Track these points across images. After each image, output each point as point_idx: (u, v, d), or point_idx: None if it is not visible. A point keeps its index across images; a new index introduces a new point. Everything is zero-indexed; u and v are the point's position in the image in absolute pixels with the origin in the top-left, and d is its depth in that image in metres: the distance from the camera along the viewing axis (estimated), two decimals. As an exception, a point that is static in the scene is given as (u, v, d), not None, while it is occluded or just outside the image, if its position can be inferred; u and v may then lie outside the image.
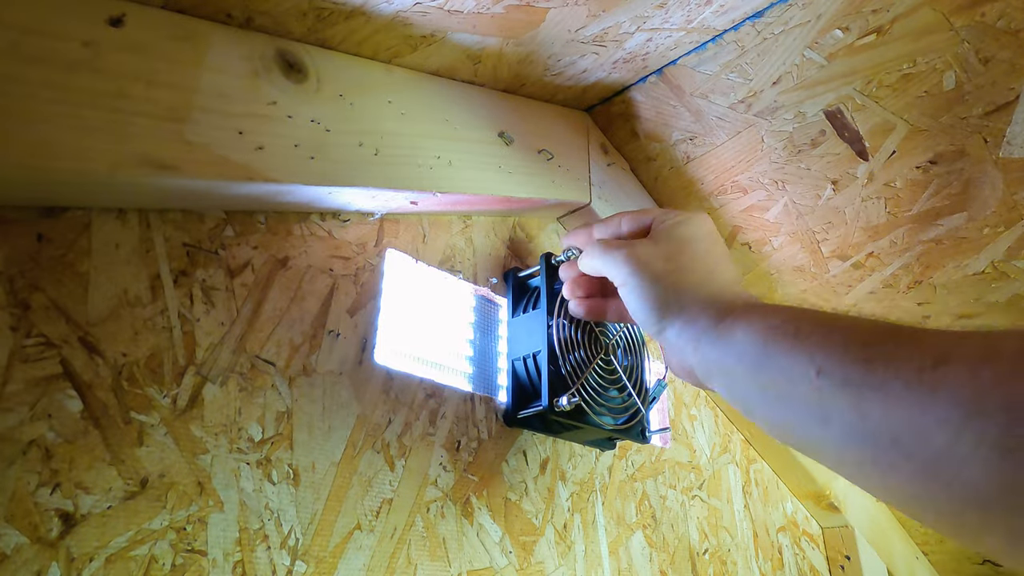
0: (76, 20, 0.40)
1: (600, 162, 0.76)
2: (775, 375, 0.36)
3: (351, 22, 0.51)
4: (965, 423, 0.26)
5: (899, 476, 0.29)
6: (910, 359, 0.29)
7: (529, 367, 0.60)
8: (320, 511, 0.46)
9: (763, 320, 0.39)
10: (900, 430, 0.29)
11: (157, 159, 0.40)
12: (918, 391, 0.28)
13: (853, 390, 0.31)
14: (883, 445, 0.29)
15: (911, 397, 0.28)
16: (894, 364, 0.30)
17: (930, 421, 0.27)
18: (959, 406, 0.26)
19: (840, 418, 0.32)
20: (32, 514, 0.35)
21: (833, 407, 0.32)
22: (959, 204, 0.72)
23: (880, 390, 0.30)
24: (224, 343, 0.45)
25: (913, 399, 0.28)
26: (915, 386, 0.28)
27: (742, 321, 0.40)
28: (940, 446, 0.27)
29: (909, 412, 0.28)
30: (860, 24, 0.60)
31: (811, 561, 1.05)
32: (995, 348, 0.27)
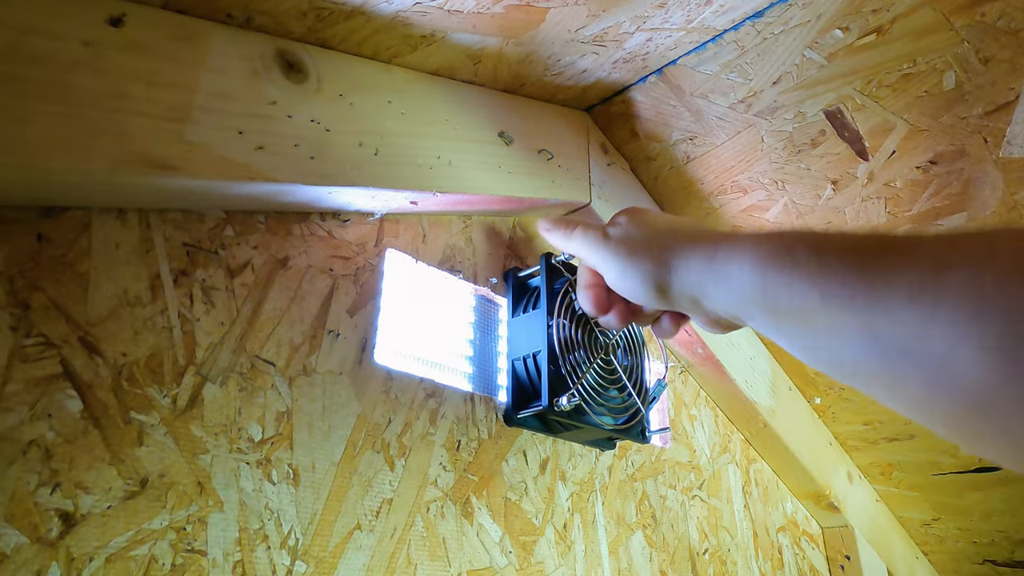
0: (76, 20, 0.40)
1: (600, 162, 0.76)
2: (780, 303, 0.36)
3: (351, 22, 0.51)
4: (968, 325, 0.26)
5: (910, 385, 0.30)
6: (910, 270, 0.30)
7: (529, 367, 0.60)
8: (320, 511, 0.46)
9: (754, 250, 0.38)
10: (908, 340, 0.29)
11: (157, 159, 0.40)
12: (921, 301, 0.28)
13: (860, 308, 0.31)
14: (893, 357, 0.30)
15: (915, 308, 0.29)
16: (895, 277, 0.30)
17: (934, 328, 0.28)
18: (961, 309, 0.27)
19: (851, 336, 0.32)
20: (32, 514, 0.35)
21: (843, 326, 0.32)
22: (959, 204, 0.72)
23: (885, 304, 0.30)
24: (224, 343, 0.45)
25: (917, 309, 0.29)
26: (918, 296, 0.29)
27: (734, 256, 0.39)
28: (944, 351, 0.27)
29: (914, 322, 0.29)
30: (860, 24, 0.60)
31: (811, 561, 1.05)
32: (993, 248, 0.27)
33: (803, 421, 1.03)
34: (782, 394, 0.99)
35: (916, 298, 0.29)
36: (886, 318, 0.30)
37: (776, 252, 0.37)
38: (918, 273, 0.29)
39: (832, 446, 1.09)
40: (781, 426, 0.96)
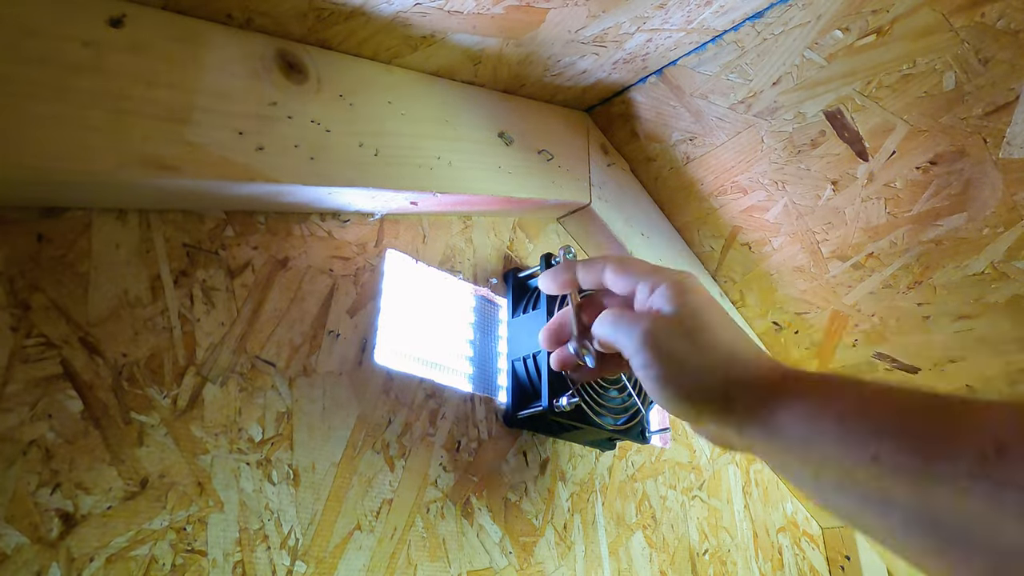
0: (76, 21, 0.40)
1: (600, 162, 0.76)
2: (827, 462, 0.34)
3: (351, 22, 0.51)
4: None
5: (970, 569, 0.28)
6: (969, 447, 0.28)
7: (529, 367, 0.60)
8: (320, 511, 0.46)
9: (804, 402, 0.36)
10: (968, 522, 0.28)
11: (157, 159, 0.40)
12: (984, 483, 0.27)
13: (912, 478, 0.30)
14: (950, 537, 0.28)
15: (977, 489, 0.27)
16: (954, 453, 0.28)
17: (1001, 515, 0.26)
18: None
19: (902, 506, 0.30)
20: (32, 514, 0.35)
21: (893, 494, 0.31)
22: (959, 205, 0.72)
23: (942, 479, 0.29)
24: (224, 343, 0.45)
25: (979, 491, 0.27)
26: (980, 477, 0.27)
27: (783, 405, 0.37)
28: (1015, 542, 0.26)
29: (975, 505, 0.27)
30: (860, 25, 0.60)
31: (811, 561, 1.05)
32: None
33: (803, 421, 1.03)
34: (782, 394, 0.99)
35: (978, 477, 0.27)
36: (943, 493, 0.28)
37: (826, 404, 0.35)
38: (978, 448, 0.28)
39: (832, 446, 1.09)
40: (781, 426, 0.96)
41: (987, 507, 0.27)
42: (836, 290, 0.87)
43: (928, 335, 0.88)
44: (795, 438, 0.36)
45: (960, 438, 0.29)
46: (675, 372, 0.41)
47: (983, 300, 0.80)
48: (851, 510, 0.34)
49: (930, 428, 0.30)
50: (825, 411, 0.35)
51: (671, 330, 0.42)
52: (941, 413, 0.31)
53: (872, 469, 0.32)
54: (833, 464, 0.34)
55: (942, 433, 0.30)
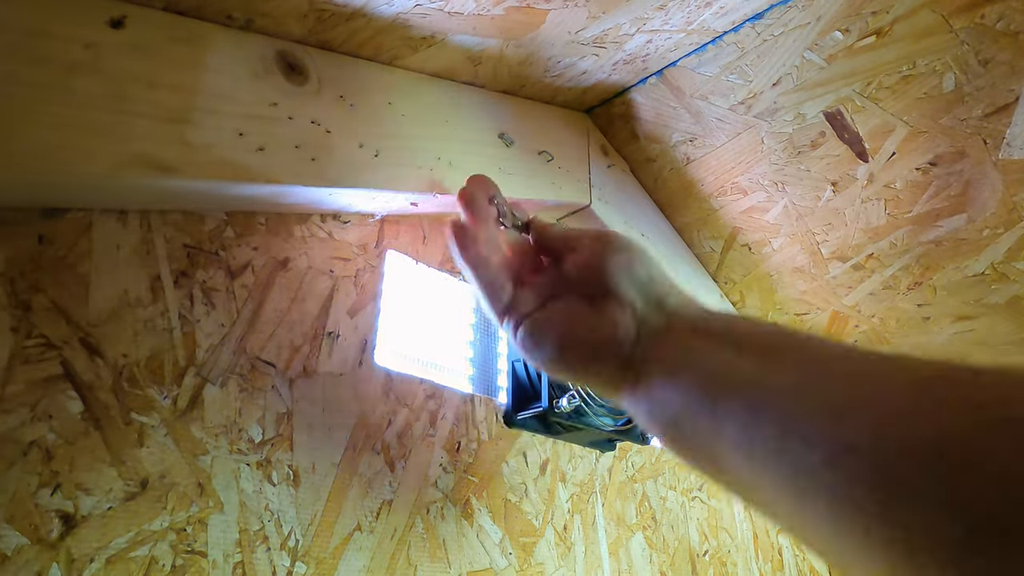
0: (77, 22, 0.40)
1: (600, 163, 0.76)
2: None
3: (352, 24, 0.51)
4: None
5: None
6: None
7: (529, 368, 0.60)
8: (320, 512, 0.46)
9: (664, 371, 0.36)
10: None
11: (158, 160, 0.40)
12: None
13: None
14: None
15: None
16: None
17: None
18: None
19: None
20: (33, 515, 0.35)
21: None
22: (959, 206, 0.72)
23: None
24: (224, 344, 0.45)
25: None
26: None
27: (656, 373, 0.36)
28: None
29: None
30: (860, 26, 0.60)
31: (811, 562, 1.05)
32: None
33: (803, 422, 1.03)
34: (782, 395, 0.99)
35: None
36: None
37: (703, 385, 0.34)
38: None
39: (832, 447, 1.09)
40: (781, 427, 0.96)
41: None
42: (836, 291, 0.87)
43: (928, 336, 0.88)
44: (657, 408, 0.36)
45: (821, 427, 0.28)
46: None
47: (983, 301, 0.80)
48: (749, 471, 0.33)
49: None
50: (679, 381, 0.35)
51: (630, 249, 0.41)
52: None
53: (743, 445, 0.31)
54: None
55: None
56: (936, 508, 0.22)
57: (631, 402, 0.38)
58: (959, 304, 0.82)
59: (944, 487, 0.22)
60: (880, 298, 0.85)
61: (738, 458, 0.31)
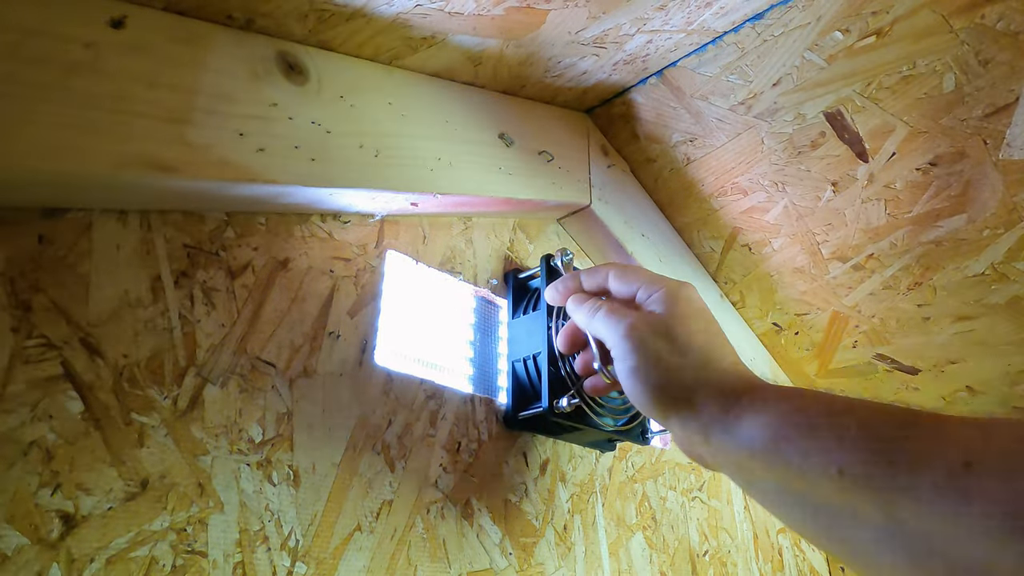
0: (77, 22, 0.40)
1: (600, 164, 0.76)
2: (791, 473, 0.33)
3: (352, 24, 0.51)
4: (1008, 536, 0.24)
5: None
6: (937, 457, 0.28)
7: (529, 368, 0.60)
8: (320, 512, 0.46)
9: (772, 409, 0.36)
10: (936, 538, 0.27)
11: (158, 160, 0.40)
12: (951, 497, 0.27)
13: (879, 492, 0.29)
14: (920, 552, 0.28)
15: (944, 503, 0.27)
16: (920, 464, 0.28)
17: (969, 531, 0.26)
18: (997, 516, 0.25)
19: (868, 521, 0.30)
20: (33, 515, 0.35)
21: (860, 509, 0.30)
22: (959, 206, 0.72)
23: (909, 493, 0.28)
24: (225, 344, 0.45)
25: (947, 505, 0.27)
26: (946, 491, 0.27)
27: (749, 411, 0.37)
28: (982, 558, 0.25)
29: (943, 519, 0.27)
30: (860, 26, 0.61)
31: (811, 563, 1.05)
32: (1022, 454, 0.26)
33: (803, 423, 1.03)
34: (782, 396, 0.99)
35: (944, 490, 0.27)
36: (911, 507, 0.28)
37: (792, 414, 0.35)
38: (947, 462, 0.27)
39: (832, 448, 1.09)
40: (781, 428, 0.96)
41: (952, 522, 0.26)
42: (836, 291, 0.87)
43: (928, 336, 0.88)
44: (759, 447, 0.35)
45: (928, 452, 0.28)
46: (649, 367, 0.42)
47: (983, 301, 0.80)
48: (817, 525, 0.34)
49: (897, 442, 0.30)
50: (790, 420, 0.35)
51: (654, 328, 0.43)
52: (910, 428, 0.30)
53: (836, 482, 0.31)
54: (797, 476, 0.33)
55: (910, 447, 0.29)
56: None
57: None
58: (959, 304, 0.82)
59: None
60: (880, 298, 0.85)
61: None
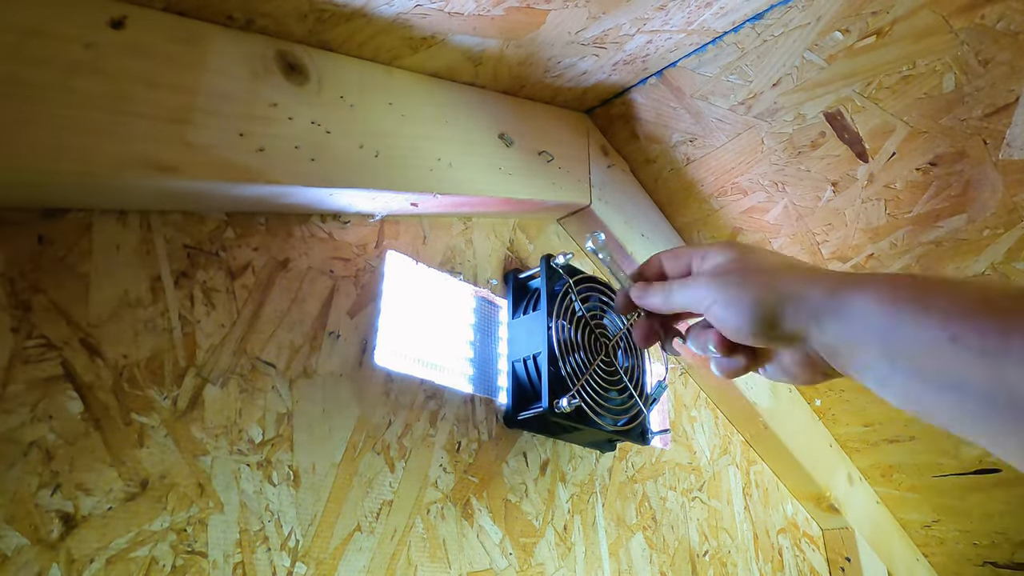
0: (77, 22, 0.40)
1: (600, 164, 0.76)
2: (906, 344, 0.35)
3: (352, 24, 0.51)
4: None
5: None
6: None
7: (529, 368, 0.60)
8: (320, 512, 0.46)
9: (885, 286, 0.37)
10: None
11: (158, 161, 0.40)
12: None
13: (992, 360, 0.30)
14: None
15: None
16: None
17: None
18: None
19: (979, 388, 0.31)
20: (33, 515, 0.35)
21: (972, 376, 0.31)
22: (959, 206, 0.72)
23: (1019, 360, 0.29)
24: (225, 345, 0.45)
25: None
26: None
27: (859, 291, 0.38)
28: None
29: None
30: (860, 26, 0.61)
31: (811, 563, 1.05)
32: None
33: (803, 423, 1.03)
34: (782, 396, 0.99)
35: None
36: (1020, 372, 0.29)
37: (907, 288, 0.36)
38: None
39: (832, 448, 1.09)
40: (781, 428, 0.96)
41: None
42: (836, 291, 0.87)
43: (928, 336, 0.88)
44: (873, 324, 0.37)
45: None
46: (741, 292, 0.44)
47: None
48: (929, 400, 0.35)
49: (1014, 310, 0.31)
50: (900, 295, 0.36)
51: (725, 271, 0.46)
52: (1017, 295, 0.31)
53: (950, 351, 0.32)
54: (911, 350, 0.34)
55: (1021, 317, 0.30)
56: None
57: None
58: (959, 304, 0.82)
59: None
60: (880, 298, 0.85)
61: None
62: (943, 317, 0.33)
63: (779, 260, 0.45)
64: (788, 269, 0.44)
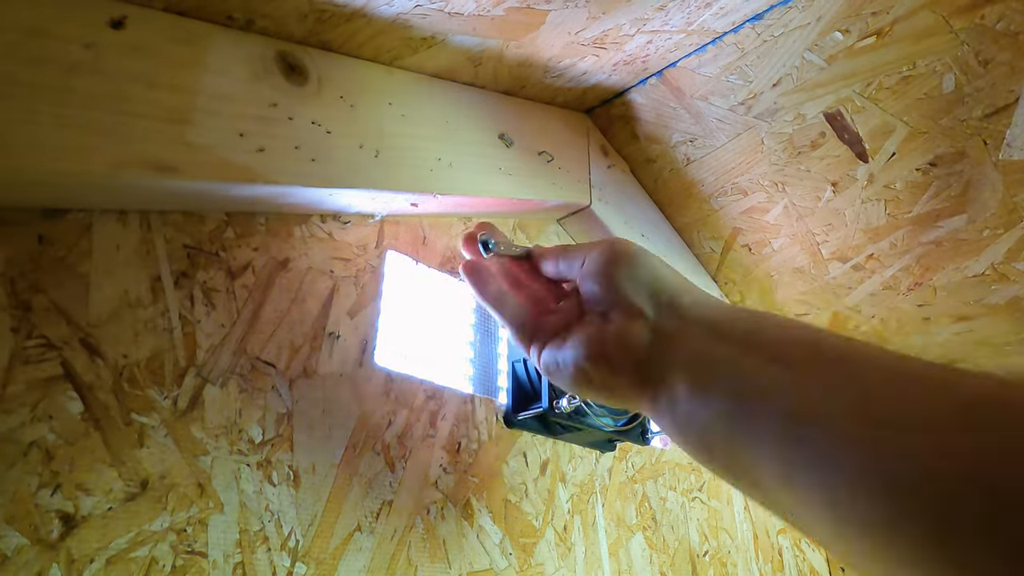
0: (77, 22, 0.40)
1: (600, 164, 0.76)
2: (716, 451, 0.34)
3: (352, 24, 0.51)
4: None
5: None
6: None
7: (529, 369, 0.60)
8: (320, 513, 0.46)
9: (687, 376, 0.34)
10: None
11: (158, 161, 0.40)
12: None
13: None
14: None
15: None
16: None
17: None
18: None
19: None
20: (33, 515, 0.35)
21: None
22: (959, 206, 0.72)
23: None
24: (225, 345, 0.45)
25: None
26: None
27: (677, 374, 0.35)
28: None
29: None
30: (860, 26, 0.61)
31: (811, 563, 1.05)
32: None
33: (803, 423, 1.03)
34: (782, 396, 0.99)
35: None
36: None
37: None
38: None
39: (832, 448, 1.09)
40: (781, 428, 0.96)
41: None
42: (836, 292, 0.87)
43: (928, 336, 0.88)
44: (682, 420, 0.34)
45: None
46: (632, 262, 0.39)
47: (983, 302, 0.80)
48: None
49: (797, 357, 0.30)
50: (704, 394, 0.33)
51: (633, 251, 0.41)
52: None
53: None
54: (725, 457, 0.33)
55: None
56: (990, 556, 0.22)
57: (656, 414, 0.37)
58: (959, 304, 0.82)
59: (999, 536, 0.21)
60: (880, 299, 0.85)
61: (773, 480, 0.30)
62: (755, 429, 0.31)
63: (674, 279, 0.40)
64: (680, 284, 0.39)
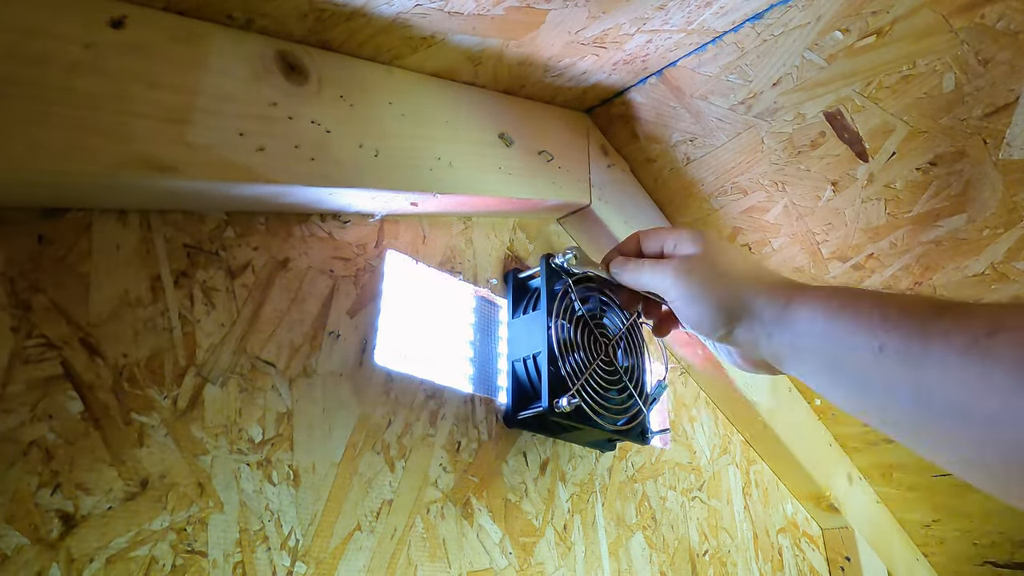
0: (77, 22, 0.40)
1: (600, 163, 0.76)
2: (841, 353, 0.38)
3: (352, 24, 0.51)
4: (1018, 387, 0.28)
5: (957, 441, 0.31)
6: (964, 331, 0.31)
7: (529, 368, 0.60)
8: (320, 512, 0.46)
9: (824, 302, 0.41)
10: (956, 396, 0.31)
11: (158, 160, 0.40)
12: (972, 359, 0.30)
13: (913, 363, 0.33)
14: (940, 411, 0.32)
15: (965, 365, 0.30)
16: (950, 336, 0.32)
17: (984, 386, 0.29)
18: (1010, 371, 0.28)
19: (903, 390, 0.34)
20: (33, 515, 0.35)
21: (896, 380, 0.34)
22: (959, 205, 0.72)
23: (938, 361, 0.32)
24: (224, 344, 0.45)
25: (968, 366, 0.30)
26: (969, 355, 0.30)
27: (805, 305, 0.42)
28: (994, 409, 0.29)
29: (963, 379, 0.30)
30: (860, 26, 0.60)
31: (811, 562, 1.05)
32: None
33: (803, 422, 1.03)
34: (782, 395, 0.99)
35: (967, 355, 0.30)
36: (937, 373, 0.32)
37: (842, 304, 0.40)
38: (972, 333, 0.31)
39: (832, 447, 1.09)
40: (781, 427, 0.96)
41: (976, 381, 0.30)
42: (836, 291, 0.87)
43: (928, 336, 0.88)
44: (815, 334, 0.41)
45: (958, 323, 0.32)
46: (704, 292, 0.48)
47: (983, 301, 0.80)
48: (863, 398, 0.38)
49: (931, 322, 0.33)
50: (838, 308, 0.40)
51: (693, 264, 0.50)
52: (943, 310, 0.34)
53: (879, 359, 0.35)
54: (847, 359, 0.38)
55: (944, 323, 0.33)
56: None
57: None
58: (959, 304, 0.82)
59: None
60: (880, 298, 0.85)
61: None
62: (870, 327, 0.36)
63: (744, 266, 0.49)
64: (751, 279, 0.48)
